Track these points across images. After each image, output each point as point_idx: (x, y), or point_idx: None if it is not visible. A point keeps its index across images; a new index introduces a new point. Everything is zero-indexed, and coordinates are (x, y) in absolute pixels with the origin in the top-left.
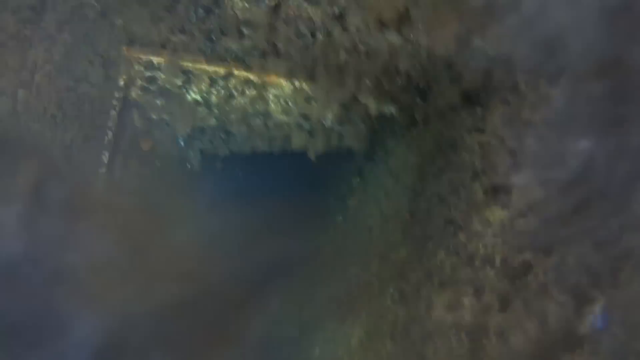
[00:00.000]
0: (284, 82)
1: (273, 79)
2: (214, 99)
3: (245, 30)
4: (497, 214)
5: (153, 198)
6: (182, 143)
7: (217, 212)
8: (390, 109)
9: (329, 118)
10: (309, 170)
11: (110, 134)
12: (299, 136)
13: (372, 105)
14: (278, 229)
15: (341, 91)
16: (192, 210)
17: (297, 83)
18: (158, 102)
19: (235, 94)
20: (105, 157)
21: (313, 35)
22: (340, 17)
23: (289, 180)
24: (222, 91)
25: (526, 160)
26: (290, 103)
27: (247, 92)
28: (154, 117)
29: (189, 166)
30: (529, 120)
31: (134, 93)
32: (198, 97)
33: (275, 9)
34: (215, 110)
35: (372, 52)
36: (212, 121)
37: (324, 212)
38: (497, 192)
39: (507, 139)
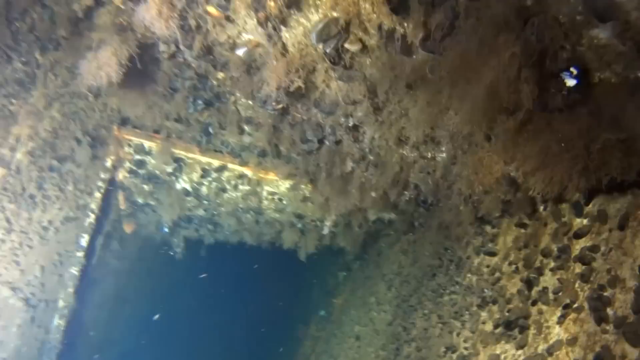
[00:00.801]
0: (280, 181)
1: (270, 176)
2: (204, 190)
3: (246, 128)
4: (509, 352)
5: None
6: (166, 229)
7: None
8: (390, 216)
9: (327, 225)
10: (294, 261)
11: (92, 216)
12: (290, 235)
13: (371, 212)
14: (256, 315)
15: (343, 200)
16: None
17: (295, 184)
18: (145, 187)
19: (228, 187)
20: (84, 240)
21: (320, 141)
22: (353, 128)
23: (271, 268)
24: (214, 183)
25: (544, 296)
26: (284, 201)
27: (241, 186)
28: (140, 201)
29: (172, 253)
30: (549, 249)
31: (121, 175)
32: (188, 187)
33: (282, 111)
34: (205, 202)
35: (382, 164)
36: (201, 212)
37: (305, 304)
38: (511, 327)
39: (522, 267)
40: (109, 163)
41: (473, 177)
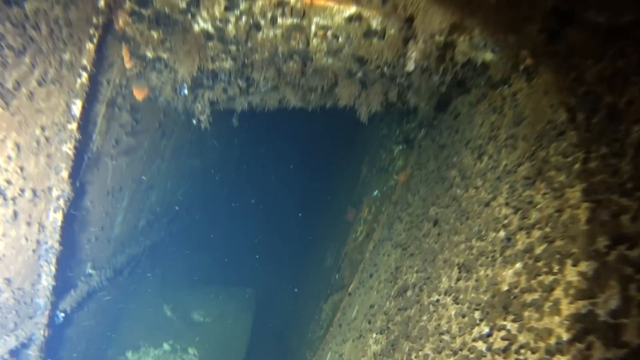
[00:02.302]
0: (336, 6)
1: (320, 1)
2: (231, 29)
3: None
4: None
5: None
6: (186, 92)
7: (227, 178)
8: (486, 56)
9: (412, 57)
10: (340, 131)
11: (84, 75)
12: (348, 88)
13: (465, 45)
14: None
15: (437, 17)
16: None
17: (357, 7)
18: (154, 33)
19: (262, 23)
20: (76, 108)
21: None
22: None
23: (313, 142)
24: (244, 18)
25: None
26: (341, 39)
27: (280, 20)
28: (149, 55)
29: (195, 122)
30: None
31: (121, 20)
32: (209, 27)
33: None
34: (233, 47)
35: None
36: (228, 62)
37: (353, 183)
38: None
39: None
40: (101, 2)
41: None
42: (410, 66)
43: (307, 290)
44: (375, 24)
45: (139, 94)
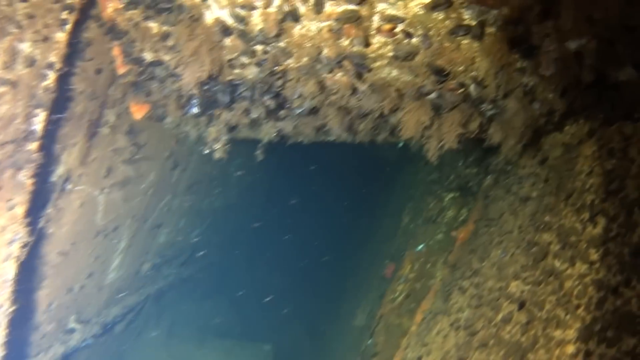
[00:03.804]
0: None
1: None
2: (256, 20)
3: None
4: None
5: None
6: (196, 109)
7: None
8: (627, 72)
9: (548, 63)
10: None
11: (51, 76)
12: (415, 114)
13: (598, 57)
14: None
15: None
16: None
17: None
18: (153, 25)
19: (302, 10)
20: (39, 120)
21: None
22: None
23: (346, 180)
24: (275, 3)
25: None
26: (416, 38)
27: (328, 7)
28: (147, 56)
29: (208, 151)
30: None
31: (110, 5)
32: (226, 16)
33: None
34: (258, 47)
35: None
36: (251, 70)
37: (393, 230)
38: None
39: None
40: None
41: None
42: (548, 70)
43: (332, 352)
44: (468, 15)
45: (138, 111)
